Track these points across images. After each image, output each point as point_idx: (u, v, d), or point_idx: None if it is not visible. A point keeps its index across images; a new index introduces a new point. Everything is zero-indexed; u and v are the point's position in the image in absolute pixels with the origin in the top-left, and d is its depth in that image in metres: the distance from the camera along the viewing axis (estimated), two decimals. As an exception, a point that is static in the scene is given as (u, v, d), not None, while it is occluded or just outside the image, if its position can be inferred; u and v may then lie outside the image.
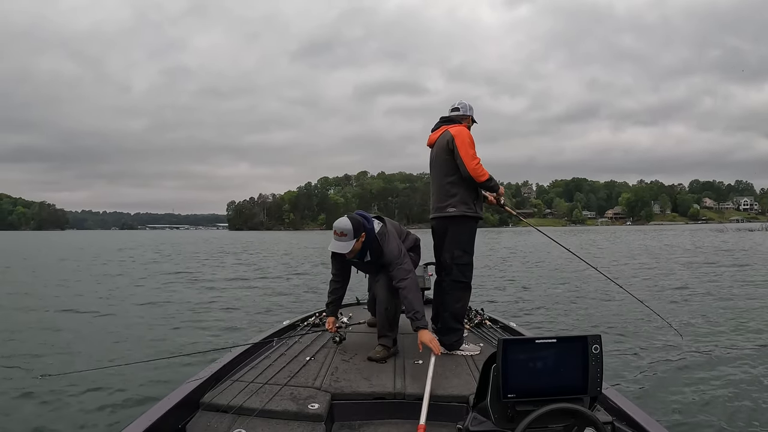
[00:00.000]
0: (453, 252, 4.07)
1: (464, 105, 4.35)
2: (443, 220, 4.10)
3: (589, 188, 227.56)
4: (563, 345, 1.97)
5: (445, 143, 4.06)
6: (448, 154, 4.05)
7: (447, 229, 4.08)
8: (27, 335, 8.03)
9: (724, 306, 10.08)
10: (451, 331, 4.02)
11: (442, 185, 4.10)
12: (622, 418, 2.61)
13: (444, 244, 4.12)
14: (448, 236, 4.08)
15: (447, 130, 4.12)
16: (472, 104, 4.39)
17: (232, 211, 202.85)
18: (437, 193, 4.16)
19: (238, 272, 19.98)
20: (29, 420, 4.54)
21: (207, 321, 9.42)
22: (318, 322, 4.75)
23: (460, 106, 4.34)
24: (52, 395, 5.04)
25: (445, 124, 4.24)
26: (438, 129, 4.26)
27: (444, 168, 4.09)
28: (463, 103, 4.36)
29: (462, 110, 4.32)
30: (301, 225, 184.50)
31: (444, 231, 4.10)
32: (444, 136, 4.11)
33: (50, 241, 63.93)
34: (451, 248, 4.07)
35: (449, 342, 3.97)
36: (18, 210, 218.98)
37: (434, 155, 4.21)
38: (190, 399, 2.82)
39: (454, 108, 4.35)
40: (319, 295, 11.87)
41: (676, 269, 18.05)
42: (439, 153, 4.12)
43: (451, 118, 4.28)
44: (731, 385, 5.31)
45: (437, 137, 4.19)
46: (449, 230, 4.08)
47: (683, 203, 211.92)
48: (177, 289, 14.28)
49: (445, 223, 4.08)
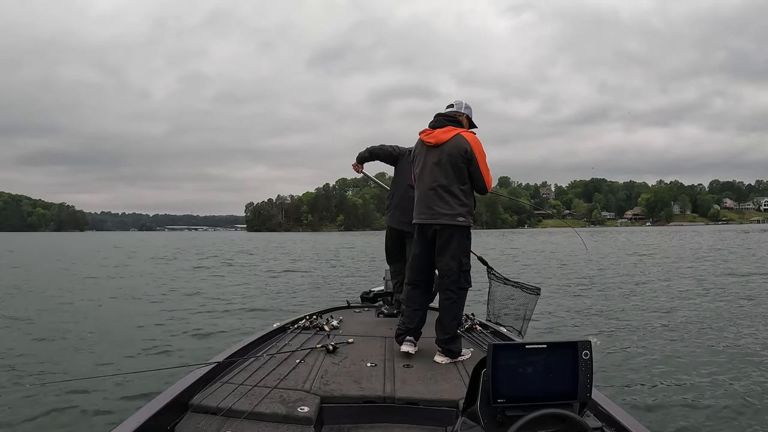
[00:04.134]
0: (461, 259, 4.01)
1: (460, 103, 4.23)
2: (449, 228, 3.97)
3: (608, 189, 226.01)
4: (553, 351, 1.97)
5: (462, 150, 3.91)
6: (464, 162, 3.93)
7: (452, 236, 3.97)
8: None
9: (725, 308, 10.06)
10: (457, 338, 3.97)
11: (452, 192, 3.95)
12: (611, 424, 2.57)
13: (449, 252, 3.99)
14: (453, 244, 3.97)
15: (460, 134, 3.97)
16: (472, 106, 4.27)
17: (251, 212, 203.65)
18: (443, 198, 3.97)
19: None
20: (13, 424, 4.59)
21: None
22: (308, 324, 4.73)
23: (455, 104, 4.22)
24: (43, 400, 5.08)
25: (449, 123, 4.06)
26: (443, 128, 4.03)
27: (458, 176, 3.95)
28: (459, 101, 4.23)
29: (456, 107, 4.20)
30: (320, 226, 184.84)
31: (449, 238, 3.98)
32: (457, 140, 3.95)
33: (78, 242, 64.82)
34: (458, 255, 3.99)
35: (458, 349, 3.91)
36: (38, 211, 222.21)
37: (444, 157, 3.96)
38: (179, 401, 2.78)
39: (449, 105, 4.23)
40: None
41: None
42: (453, 158, 3.93)
43: (452, 117, 4.12)
44: (722, 391, 5.34)
45: (447, 138, 3.98)
46: (455, 238, 3.97)
47: (703, 204, 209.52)
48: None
49: (452, 231, 3.97)
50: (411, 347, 3.92)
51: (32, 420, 4.64)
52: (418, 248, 4.15)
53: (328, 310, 5.70)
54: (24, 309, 11.02)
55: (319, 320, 4.88)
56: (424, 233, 4.07)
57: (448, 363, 3.79)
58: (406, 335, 3.98)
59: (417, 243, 4.15)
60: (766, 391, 5.31)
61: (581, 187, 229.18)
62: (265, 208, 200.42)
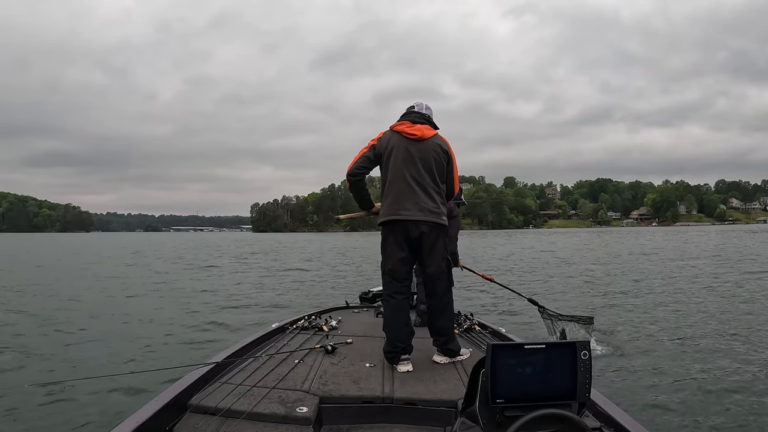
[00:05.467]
0: (448, 259, 3.96)
1: (420, 104, 4.05)
2: (438, 227, 3.86)
3: (613, 189, 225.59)
4: (552, 351, 1.96)
5: (443, 149, 3.87)
6: (444, 160, 3.88)
7: (439, 236, 3.87)
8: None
9: (724, 311, 9.98)
10: (454, 336, 3.94)
11: (437, 190, 3.87)
12: (610, 424, 2.57)
13: (438, 253, 3.88)
14: (440, 244, 3.88)
15: (438, 135, 3.93)
16: (432, 107, 4.11)
17: (256, 213, 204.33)
18: (430, 195, 3.83)
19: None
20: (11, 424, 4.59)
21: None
22: (307, 325, 4.74)
23: (416, 105, 4.04)
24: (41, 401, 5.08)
25: (427, 123, 3.94)
26: (422, 125, 3.89)
27: (440, 174, 3.87)
28: (420, 103, 4.06)
29: (418, 108, 4.01)
30: (325, 227, 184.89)
31: (437, 238, 3.87)
32: (439, 139, 3.90)
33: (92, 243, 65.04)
34: (446, 255, 3.93)
35: (457, 348, 3.87)
36: (43, 212, 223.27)
37: (428, 153, 3.84)
38: (177, 401, 2.78)
39: (410, 107, 4.05)
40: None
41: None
42: (438, 155, 3.85)
43: (428, 117, 3.99)
44: (721, 391, 5.30)
45: (431, 136, 3.89)
46: (441, 238, 3.88)
47: (709, 204, 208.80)
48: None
49: (439, 230, 3.86)
50: (410, 365, 3.62)
51: (30, 420, 4.63)
52: (405, 250, 3.85)
53: (327, 311, 5.72)
54: (23, 309, 11.06)
55: (318, 320, 4.90)
56: (408, 232, 3.80)
57: (447, 363, 3.77)
58: (402, 353, 3.67)
59: (401, 244, 3.84)
60: (766, 391, 5.28)
61: (587, 187, 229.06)
62: (270, 208, 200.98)
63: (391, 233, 3.84)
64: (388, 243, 3.87)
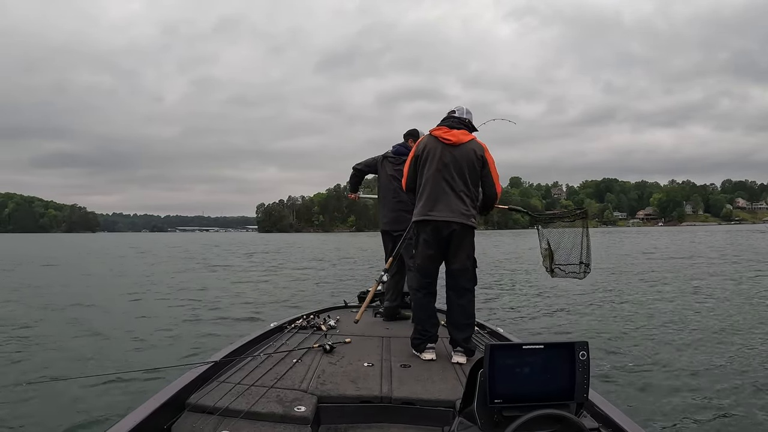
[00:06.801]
0: (474, 258, 4.06)
1: (461, 109, 4.21)
2: (467, 228, 3.99)
3: (619, 189, 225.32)
4: (550, 351, 1.98)
5: (479, 154, 3.99)
6: (479, 165, 3.99)
7: (467, 236, 4.00)
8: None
9: (725, 312, 9.95)
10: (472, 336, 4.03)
11: (468, 193, 3.99)
12: (608, 425, 2.56)
13: (465, 251, 4.01)
14: (467, 243, 4.01)
15: (474, 140, 4.05)
16: (472, 111, 4.25)
17: (262, 213, 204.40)
18: (461, 198, 3.97)
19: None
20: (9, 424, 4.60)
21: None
22: (305, 324, 4.73)
23: (457, 110, 4.19)
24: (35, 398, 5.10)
25: (464, 128, 4.08)
26: (459, 130, 4.04)
27: (472, 177, 3.99)
28: (461, 107, 4.21)
29: (459, 113, 4.17)
30: (331, 227, 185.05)
31: (465, 237, 4.00)
32: (474, 144, 4.02)
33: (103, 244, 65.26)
34: (472, 255, 4.05)
35: (474, 347, 3.94)
36: (49, 213, 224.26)
37: (463, 158, 3.98)
38: (175, 400, 2.77)
39: (451, 111, 4.21)
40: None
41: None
42: (470, 160, 3.97)
43: (465, 122, 4.13)
44: (720, 391, 5.31)
45: (467, 140, 4.02)
46: (469, 238, 4.02)
47: (715, 203, 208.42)
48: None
49: (467, 230, 4.00)
50: (434, 354, 3.86)
51: (28, 420, 4.64)
52: (433, 248, 4.02)
53: (326, 310, 5.69)
54: (24, 308, 11.12)
55: (316, 320, 4.89)
56: (439, 232, 3.97)
57: (446, 363, 3.79)
58: (428, 342, 3.90)
59: (430, 243, 4.01)
60: (765, 391, 5.28)
61: (593, 187, 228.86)
62: (276, 209, 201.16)
63: (423, 232, 4.05)
64: (419, 241, 4.10)
